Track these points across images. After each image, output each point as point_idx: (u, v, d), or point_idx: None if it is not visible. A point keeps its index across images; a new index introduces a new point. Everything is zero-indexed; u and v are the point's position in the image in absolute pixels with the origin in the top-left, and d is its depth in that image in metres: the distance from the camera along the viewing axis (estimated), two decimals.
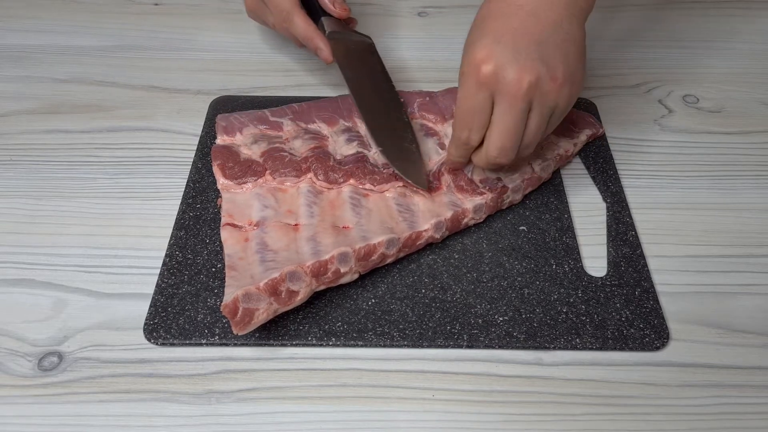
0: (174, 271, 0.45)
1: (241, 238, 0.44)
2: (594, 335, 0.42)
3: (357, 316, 0.43)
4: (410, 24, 0.72)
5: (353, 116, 0.54)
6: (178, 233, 0.47)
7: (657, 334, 0.42)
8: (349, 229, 0.45)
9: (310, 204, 0.47)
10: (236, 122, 0.53)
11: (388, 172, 0.49)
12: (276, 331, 0.42)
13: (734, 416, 0.39)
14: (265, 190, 0.48)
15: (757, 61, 0.67)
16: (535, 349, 0.42)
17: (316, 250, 0.42)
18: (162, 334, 0.41)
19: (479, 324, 0.43)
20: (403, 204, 0.48)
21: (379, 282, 0.45)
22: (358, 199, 0.47)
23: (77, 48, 0.67)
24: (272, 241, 0.43)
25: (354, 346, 0.42)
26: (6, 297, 0.45)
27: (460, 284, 0.45)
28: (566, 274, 0.46)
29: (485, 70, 0.42)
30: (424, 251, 0.47)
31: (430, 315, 0.43)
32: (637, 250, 0.47)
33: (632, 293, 0.45)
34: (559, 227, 0.49)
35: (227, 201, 0.47)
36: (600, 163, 0.55)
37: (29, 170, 0.53)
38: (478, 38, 0.44)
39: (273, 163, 0.49)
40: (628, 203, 0.51)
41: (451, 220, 0.47)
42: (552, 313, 0.43)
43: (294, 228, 0.45)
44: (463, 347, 0.42)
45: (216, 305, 0.43)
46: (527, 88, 0.42)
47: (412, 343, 0.42)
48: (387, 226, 0.45)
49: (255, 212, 0.46)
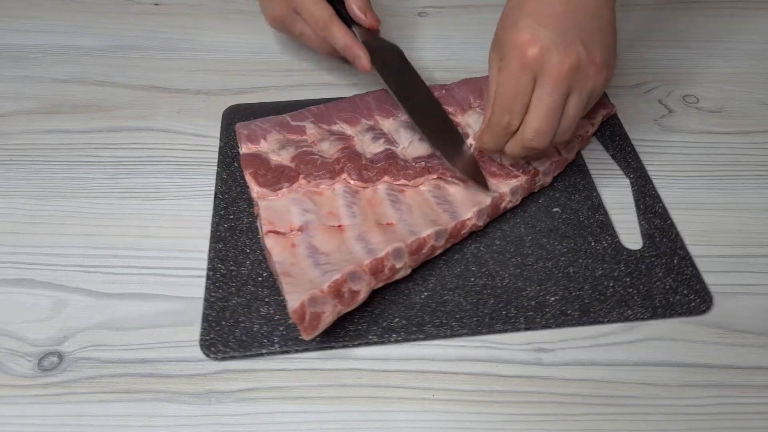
0: (220, 284, 0.45)
1: (288, 244, 0.44)
2: (643, 305, 0.44)
3: (413, 311, 0.43)
4: (410, 24, 0.71)
5: (374, 114, 0.55)
6: (216, 246, 0.47)
7: (701, 299, 0.44)
8: (394, 225, 0.45)
9: (350, 204, 0.47)
10: (258, 129, 0.52)
11: (420, 167, 0.49)
12: (336, 333, 0.42)
13: (734, 416, 0.39)
14: (301, 194, 0.48)
15: (757, 61, 0.67)
16: (591, 324, 0.43)
17: (369, 248, 0.42)
18: (221, 348, 0.41)
19: (533, 306, 0.44)
20: (440, 196, 0.48)
21: (428, 275, 0.45)
22: (395, 195, 0.48)
23: (77, 48, 0.67)
24: (321, 244, 0.43)
25: (415, 340, 0.42)
26: (6, 297, 0.45)
27: (507, 269, 0.46)
28: (605, 250, 0.47)
29: (531, 53, 0.43)
30: (465, 240, 0.48)
31: (483, 302, 0.44)
32: (668, 221, 0.49)
33: (671, 262, 0.46)
34: (590, 205, 0.50)
35: (265, 209, 0.46)
36: (617, 140, 0.56)
37: (29, 170, 0.53)
38: (519, 20, 0.44)
39: (305, 166, 0.49)
40: (650, 176, 0.53)
41: (491, 206, 0.47)
42: (600, 289, 0.45)
43: (339, 229, 0.45)
44: (522, 330, 0.43)
45: (270, 314, 0.43)
46: (568, 71, 0.43)
47: (471, 331, 0.42)
48: (430, 219, 0.45)
49: (295, 217, 0.46)
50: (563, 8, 0.44)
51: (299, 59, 0.66)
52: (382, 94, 0.56)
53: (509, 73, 0.44)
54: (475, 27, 0.71)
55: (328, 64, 0.65)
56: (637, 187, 0.52)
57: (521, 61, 0.43)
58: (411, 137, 0.52)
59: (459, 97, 0.56)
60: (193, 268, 0.46)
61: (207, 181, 0.53)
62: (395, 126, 0.54)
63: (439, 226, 0.45)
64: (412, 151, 0.51)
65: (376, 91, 0.57)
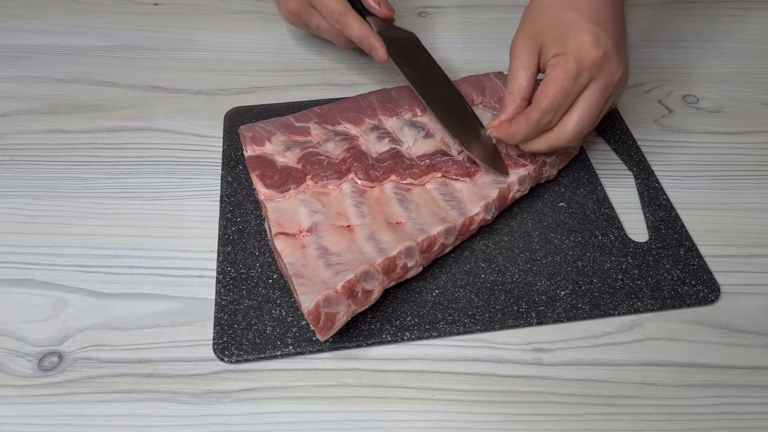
0: (230, 287, 0.45)
1: (298, 246, 0.44)
2: (653, 297, 0.44)
3: (425, 309, 0.43)
4: (410, 24, 0.71)
5: (378, 114, 0.55)
6: (225, 249, 0.47)
7: (709, 289, 0.45)
8: (403, 224, 0.45)
9: (358, 204, 0.47)
10: (263, 131, 0.52)
11: (426, 165, 0.49)
12: (349, 333, 0.42)
13: (734, 416, 0.39)
14: (309, 195, 0.48)
15: (757, 61, 0.67)
16: (602, 317, 0.43)
17: (380, 248, 0.42)
18: (234, 351, 0.41)
19: (543, 300, 0.44)
20: (447, 193, 0.48)
21: (438, 273, 0.46)
22: (403, 194, 0.48)
23: (77, 48, 0.67)
24: (331, 245, 0.43)
25: (429, 338, 0.42)
26: (6, 297, 0.45)
27: (516, 264, 0.46)
28: (612, 243, 0.48)
29: (595, 56, 0.43)
30: (474, 237, 0.48)
31: (494, 298, 0.44)
32: (672, 213, 0.50)
33: (677, 253, 0.47)
34: (595, 199, 0.51)
35: (273, 210, 0.46)
36: (618, 134, 0.57)
37: (29, 170, 0.53)
38: (578, 20, 0.45)
39: (312, 167, 0.49)
40: (652, 169, 0.53)
41: (498, 198, 0.47)
42: (609, 281, 0.45)
43: (348, 229, 0.45)
44: (533, 324, 0.43)
45: (282, 316, 0.43)
46: (619, 79, 0.45)
47: (484, 327, 0.43)
48: (439, 217, 0.46)
49: (304, 218, 0.46)
50: (611, 14, 0.45)
51: (299, 59, 0.66)
52: (384, 93, 0.56)
53: (566, 73, 0.44)
54: (475, 27, 0.71)
55: (328, 64, 0.65)
56: (641, 180, 0.52)
57: (582, 62, 0.43)
58: (415, 135, 0.52)
59: (464, 92, 0.56)
60: (193, 268, 0.46)
61: (207, 181, 0.53)
62: (399, 125, 0.54)
63: (448, 223, 0.45)
64: (416, 150, 0.51)
65: (379, 91, 0.57)
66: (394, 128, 0.53)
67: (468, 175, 0.49)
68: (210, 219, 0.49)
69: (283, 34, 0.69)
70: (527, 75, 0.47)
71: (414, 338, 0.42)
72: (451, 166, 0.49)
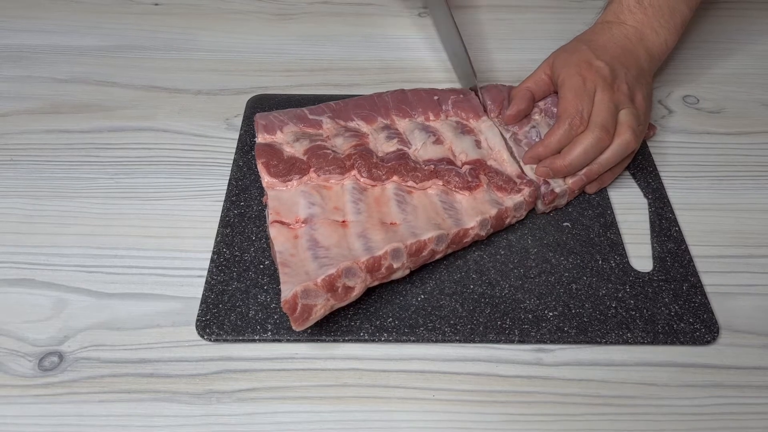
0: (222, 268, 0.45)
1: (291, 235, 0.44)
2: (645, 330, 0.43)
3: (408, 312, 0.43)
4: (410, 24, 0.72)
5: (391, 114, 0.55)
6: (224, 231, 0.48)
7: (707, 328, 0.43)
8: (397, 226, 0.45)
9: (356, 201, 0.47)
10: (276, 120, 0.53)
11: (429, 170, 0.49)
12: (328, 327, 0.42)
13: (734, 416, 0.39)
14: (310, 187, 0.48)
15: (757, 61, 0.68)
16: (587, 344, 0.42)
17: (368, 246, 0.43)
18: (215, 330, 0.42)
19: (529, 319, 0.43)
20: (447, 201, 0.48)
21: (427, 278, 0.45)
22: (403, 195, 0.48)
23: (77, 48, 0.67)
24: (322, 238, 0.44)
25: (406, 342, 0.42)
26: (6, 297, 0.45)
27: (508, 280, 0.45)
28: (613, 270, 0.46)
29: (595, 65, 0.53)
30: (469, 247, 0.48)
31: (479, 310, 0.43)
32: (682, 246, 0.48)
33: (680, 288, 0.45)
34: (603, 223, 0.50)
35: (273, 198, 0.47)
36: (639, 160, 0.55)
37: (29, 170, 0.53)
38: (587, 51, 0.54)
39: (317, 160, 0.49)
40: (669, 199, 0.52)
41: (495, 217, 0.47)
42: (601, 308, 0.44)
43: (342, 225, 0.45)
44: (515, 342, 0.42)
45: (266, 301, 0.43)
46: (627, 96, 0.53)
47: (463, 338, 0.42)
48: (434, 223, 0.45)
49: (302, 209, 0.46)
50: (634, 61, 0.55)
51: (299, 59, 0.66)
52: (400, 93, 0.56)
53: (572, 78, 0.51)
54: (475, 27, 0.71)
55: (328, 64, 0.65)
56: (655, 209, 0.51)
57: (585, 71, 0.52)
58: (424, 139, 0.52)
59: (475, 103, 0.56)
60: (193, 268, 0.46)
61: (207, 181, 0.53)
62: (411, 127, 0.54)
63: (441, 230, 0.44)
64: (423, 153, 0.51)
65: (396, 91, 0.57)
66: (406, 130, 0.53)
67: (468, 188, 0.48)
68: (210, 219, 0.49)
69: (283, 34, 0.69)
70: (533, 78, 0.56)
71: (391, 340, 0.42)
72: (453, 176, 0.49)
